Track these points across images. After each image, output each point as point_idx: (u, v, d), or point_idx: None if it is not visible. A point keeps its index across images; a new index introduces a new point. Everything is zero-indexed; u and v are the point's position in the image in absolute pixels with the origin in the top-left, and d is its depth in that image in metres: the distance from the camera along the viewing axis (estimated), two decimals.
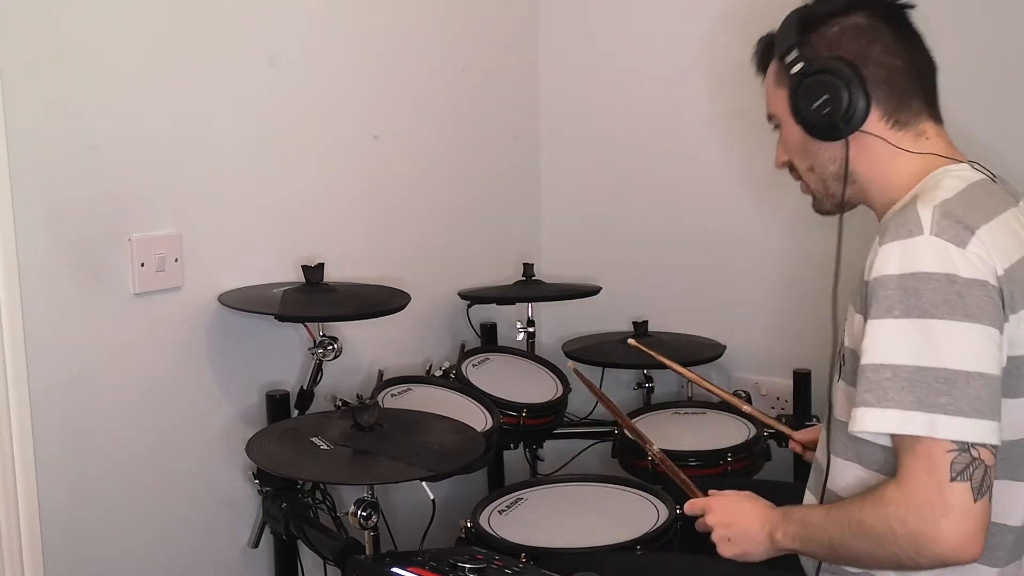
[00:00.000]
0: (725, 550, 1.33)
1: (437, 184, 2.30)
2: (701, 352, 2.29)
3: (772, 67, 1.37)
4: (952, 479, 1.06)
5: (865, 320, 1.15)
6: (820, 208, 1.40)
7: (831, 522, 1.19)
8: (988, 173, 1.29)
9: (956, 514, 1.05)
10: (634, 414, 2.15)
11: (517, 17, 2.55)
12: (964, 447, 1.06)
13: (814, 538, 1.22)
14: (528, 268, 2.39)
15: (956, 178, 1.23)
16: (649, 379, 2.31)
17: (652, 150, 2.47)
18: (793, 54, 1.29)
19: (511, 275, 2.44)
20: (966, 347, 1.08)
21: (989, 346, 1.09)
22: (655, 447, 1.58)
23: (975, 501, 1.06)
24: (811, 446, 1.61)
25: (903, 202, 1.25)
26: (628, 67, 2.48)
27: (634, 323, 2.33)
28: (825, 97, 1.25)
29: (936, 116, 1.31)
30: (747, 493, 1.37)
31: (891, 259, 1.13)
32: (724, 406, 2.20)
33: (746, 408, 1.83)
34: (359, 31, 2.06)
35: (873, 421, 1.11)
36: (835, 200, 1.35)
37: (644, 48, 2.45)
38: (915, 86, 1.28)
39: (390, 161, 2.16)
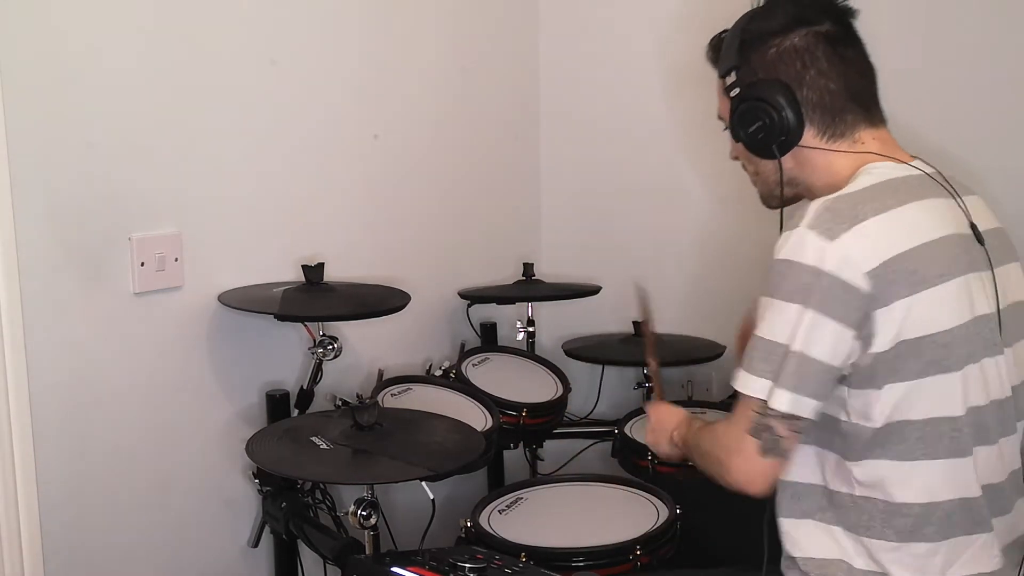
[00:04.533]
0: (649, 436, 1.56)
1: (437, 184, 2.30)
2: (701, 352, 2.29)
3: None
4: (747, 431, 1.24)
5: None
6: (768, 205, 1.49)
7: (694, 432, 1.43)
8: (931, 169, 1.33)
9: (743, 457, 1.25)
10: (634, 414, 2.15)
11: (517, 17, 2.55)
12: (764, 412, 1.22)
13: (684, 440, 1.46)
14: (528, 268, 2.39)
15: (871, 175, 1.29)
16: (649, 379, 2.31)
17: (652, 150, 2.46)
18: (732, 76, 1.37)
19: (511, 275, 2.44)
20: (802, 331, 1.19)
21: (825, 336, 1.19)
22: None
23: (761, 456, 1.24)
24: None
25: None
26: (628, 67, 2.48)
27: (634, 323, 2.33)
28: (759, 123, 1.33)
29: (874, 120, 1.36)
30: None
31: (778, 246, 1.24)
32: (724, 406, 2.20)
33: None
34: (359, 31, 2.06)
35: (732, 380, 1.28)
36: (779, 201, 1.43)
37: (644, 48, 2.45)
38: (849, 102, 1.34)
39: (390, 161, 2.16)
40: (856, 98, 1.35)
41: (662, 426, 1.53)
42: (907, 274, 1.20)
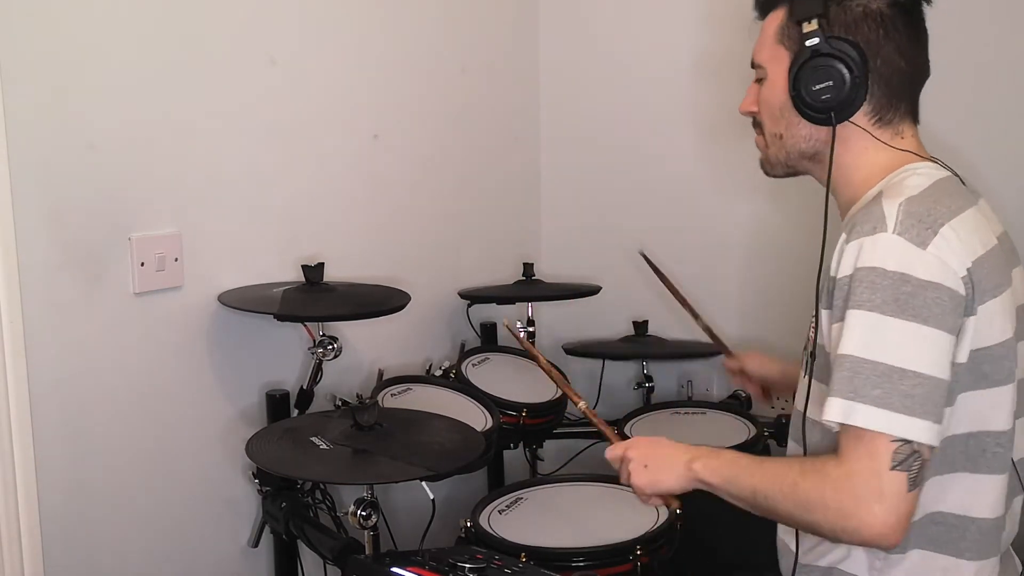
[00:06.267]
0: (638, 478, 1.33)
1: (437, 184, 2.30)
2: (701, 352, 2.29)
3: (780, 20, 1.31)
4: (892, 467, 1.08)
5: (833, 316, 1.18)
6: (769, 172, 1.41)
7: (762, 473, 1.20)
8: (952, 172, 1.30)
9: (888, 501, 1.08)
10: (634, 414, 2.15)
11: (517, 17, 2.55)
12: (907, 441, 1.08)
13: (737, 480, 1.23)
14: (528, 268, 2.39)
15: (921, 176, 1.24)
16: (649, 379, 2.31)
17: (652, 150, 2.47)
18: (814, 24, 1.24)
19: (511, 275, 2.44)
20: (908, 346, 1.10)
21: (931, 348, 1.11)
22: (582, 403, 1.52)
23: (908, 491, 1.08)
24: (752, 373, 1.73)
25: (867, 197, 1.26)
26: (628, 67, 2.48)
27: (634, 323, 2.33)
28: (829, 83, 1.24)
29: (916, 117, 1.32)
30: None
31: (855, 255, 1.15)
32: (724, 406, 2.20)
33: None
34: (359, 31, 2.06)
35: (825, 410, 1.13)
36: (788, 171, 1.37)
37: (644, 48, 2.45)
38: (908, 89, 1.29)
39: (390, 161, 2.16)
40: (915, 86, 1.29)
41: (663, 455, 1.31)
42: (979, 281, 1.15)
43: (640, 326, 2.33)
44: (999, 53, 2.00)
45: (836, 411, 1.12)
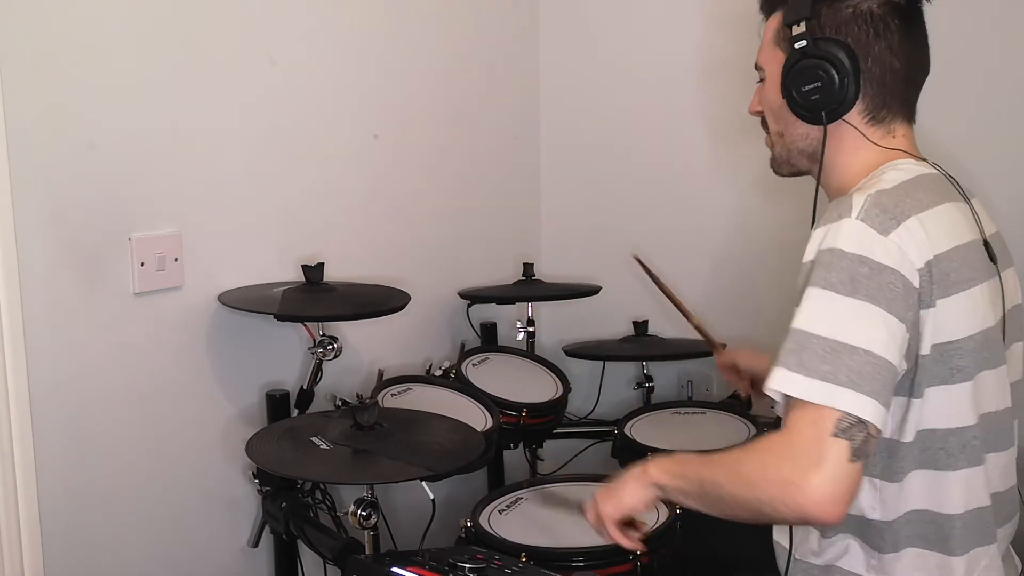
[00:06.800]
0: (604, 505, 1.32)
1: (437, 184, 2.30)
2: (701, 351, 2.29)
3: (776, 22, 1.34)
4: (834, 434, 1.06)
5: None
6: (777, 171, 1.42)
7: (709, 461, 1.20)
8: (943, 171, 1.31)
9: (827, 469, 1.05)
10: (634, 414, 2.15)
11: (517, 17, 2.55)
12: (851, 413, 1.07)
13: (686, 474, 1.22)
14: (528, 268, 2.39)
15: (900, 170, 1.25)
16: (649, 379, 2.31)
17: (651, 150, 2.47)
18: (800, 27, 1.26)
19: (511, 275, 2.44)
20: (858, 325, 1.10)
21: (882, 329, 1.10)
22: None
23: (850, 461, 1.06)
24: (743, 368, 1.73)
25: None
26: (627, 68, 2.48)
27: (634, 323, 2.33)
28: (817, 84, 1.25)
29: (910, 117, 1.33)
30: None
31: (820, 240, 1.16)
32: (724, 406, 2.20)
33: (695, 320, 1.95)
34: (359, 31, 2.06)
35: (769, 379, 1.13)
36: (793, 170, 1.38)
37: (643, 49, 2.45)
38: (902, 89, 1.29)
39: (390, 161, 2.16)
40: (909, 86, 1.30)
41: (622, 476, 1.31)
42: (943, 275, 1.16)
43: (640, 326, 2.33)
44: (1002, 56, 2.00)
45: (779, 380, 1.11)
